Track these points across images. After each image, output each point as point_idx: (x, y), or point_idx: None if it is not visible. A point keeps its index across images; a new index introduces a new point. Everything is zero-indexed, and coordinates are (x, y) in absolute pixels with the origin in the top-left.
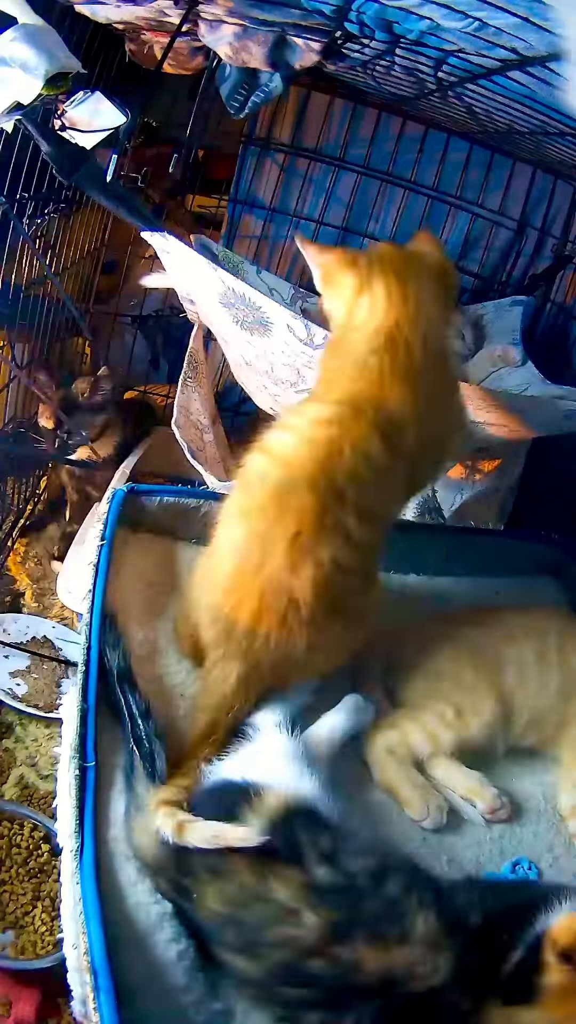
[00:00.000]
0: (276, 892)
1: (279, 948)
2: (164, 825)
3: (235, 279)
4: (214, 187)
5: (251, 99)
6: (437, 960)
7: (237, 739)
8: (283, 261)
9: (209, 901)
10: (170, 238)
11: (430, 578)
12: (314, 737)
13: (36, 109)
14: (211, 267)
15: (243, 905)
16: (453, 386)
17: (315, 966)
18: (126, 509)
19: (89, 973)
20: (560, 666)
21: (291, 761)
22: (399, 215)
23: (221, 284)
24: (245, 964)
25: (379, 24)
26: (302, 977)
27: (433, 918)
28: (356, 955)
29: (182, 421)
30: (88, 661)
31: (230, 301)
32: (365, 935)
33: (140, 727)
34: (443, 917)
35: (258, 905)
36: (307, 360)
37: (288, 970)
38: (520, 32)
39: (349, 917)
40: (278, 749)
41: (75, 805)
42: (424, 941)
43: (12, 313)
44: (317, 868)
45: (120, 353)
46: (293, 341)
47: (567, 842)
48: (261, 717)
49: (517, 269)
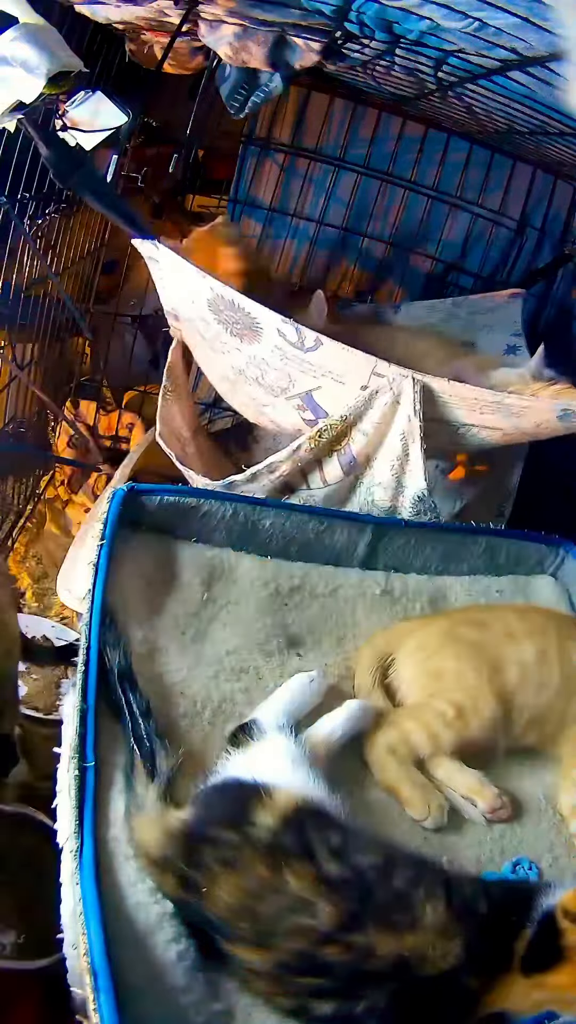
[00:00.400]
0: (290, 885)
1: (293, 938)
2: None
3: (224, 286)
4: (214, 187)
5: (251, 99)
6: (447, 945)
7: (243, 737)
8: (283, 261)
9: (221, 894)
10: (160, 247)
11: (430, 578)
12: (313, 738)
13: (37, 110)
14: (200, 274)
15: (258, 897)
16: None
17: (328, 954)
18: (126, 508)
19: (89, 974)
20: (560, 666)
21: (296, 762)
22: (399, 215)
23: (210, 291)
24: (257, 956)
25: (379, 24)
26: (315, 966)
27: (442, 907)
28: (369, 940)
29: (165, 433)
30: (88, 661)
31: (219, 308)
32: (376, 922)
33: (141, 726)
34: (452, 906)
35: (273, 897)
36: (299, 364)
37: (302, 959)
38: (520, 32)
39: (361, 907)
40: (282, 750)
41: (75, 805)
42: (434, 928)
43: (12, 313)
44: (328, 863)
45: (120, 353)
46: (284, 345)
47: (567, 842)
48: (264, 717)
49: (517, 269)
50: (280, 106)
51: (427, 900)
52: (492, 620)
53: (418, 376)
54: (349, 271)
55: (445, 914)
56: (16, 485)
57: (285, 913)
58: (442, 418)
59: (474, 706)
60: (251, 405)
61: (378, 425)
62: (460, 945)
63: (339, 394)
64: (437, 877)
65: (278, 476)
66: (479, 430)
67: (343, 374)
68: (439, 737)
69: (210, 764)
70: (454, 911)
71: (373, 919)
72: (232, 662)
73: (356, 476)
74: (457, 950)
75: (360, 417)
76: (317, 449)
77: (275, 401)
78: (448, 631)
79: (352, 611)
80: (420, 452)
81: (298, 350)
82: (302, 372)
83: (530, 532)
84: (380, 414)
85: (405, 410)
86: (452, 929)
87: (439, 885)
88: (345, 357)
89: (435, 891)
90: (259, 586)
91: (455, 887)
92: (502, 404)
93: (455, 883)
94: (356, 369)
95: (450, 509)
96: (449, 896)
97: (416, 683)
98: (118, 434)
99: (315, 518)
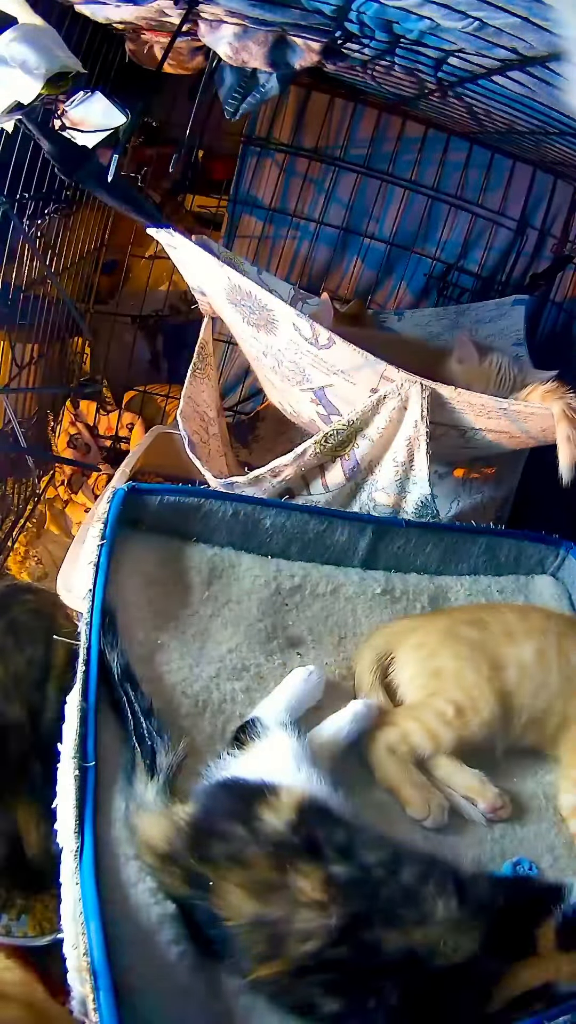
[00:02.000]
0: (298, 885)
1: (303, 941)
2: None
3: (241, 276)
4: (214, 187)
5: (246, 100)
6: (460, 939)
7: (245, 736)
8: (283, 261)
9: (229, 891)
10: (175, 234)
11: (430, 577)
12: (319, 739)
13: (36, 109)
14: (218, 264)
15: (265, 899)
16: None
17: (338, 953)
18: (126, 508)
19: (89, 974)
20: (560, 666)
21: (299, 760)
22: (399, 215)
23: (228, 281)
24: (268, 969)
25: (379, 24)
26: (324, 965)
27: (455, 903)
28: (377, 937)
29: (188, 411)
30: (88, 660)
31: (237, 298)
32: (385, 919)
33: (143, 725)
34: (466, 902)
35: (281, 899)
36: (312, 359)
37: (311, 959)
38: (520, 32)
39: (370, 905)
40: (285, 748)
41: (75, 805)
42: (445, 922)
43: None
44: (335, 863)
45: (120, 353)
46: (299, 339)
47: (568, 842)
48: (265, 715)
49: (517, 269)
50: (280, 106)
51: (438, 896)
52: (492, 619)
53: (426, 382)
54: (349, 271)
55: (458, 910)
56: (16, 485)
57: (294, 916)
58: (450, 423)
59: (473, 705)
60: (271, 390)
61: (384, 430)
62: (475, 939)
63: (350, 394)
64: (446, 874)
65: (281, 480)
66: (487, 433)
67: (354, 375)
68: (438, 736)
69: (211, 763)
70: (468, 907)
71: (381, 917)
72: (233, 661)
73: (357, 482)
74: (471, 944)
75: (367, 422)
76: (322, 454)
77: (291, 389)
78: (448, 630)
79: (352, 611)
80: (425, 457)
81: (312, 346)
82: (315, 368)
83: (530, 532)
84: (386, 419)
85: (412, 415)
86: (466, 924)
87: (449, 881)
88: (356, 359)
89: (445, 887)
90: (260, 585)
91: (468, 884)
92: (508, 411)
93: (467, 880)
94: (366, 371)
95: (446, 511)
96: (462, 892)
97: (416, 682)
98: (118, 434)
99: (316, 518)
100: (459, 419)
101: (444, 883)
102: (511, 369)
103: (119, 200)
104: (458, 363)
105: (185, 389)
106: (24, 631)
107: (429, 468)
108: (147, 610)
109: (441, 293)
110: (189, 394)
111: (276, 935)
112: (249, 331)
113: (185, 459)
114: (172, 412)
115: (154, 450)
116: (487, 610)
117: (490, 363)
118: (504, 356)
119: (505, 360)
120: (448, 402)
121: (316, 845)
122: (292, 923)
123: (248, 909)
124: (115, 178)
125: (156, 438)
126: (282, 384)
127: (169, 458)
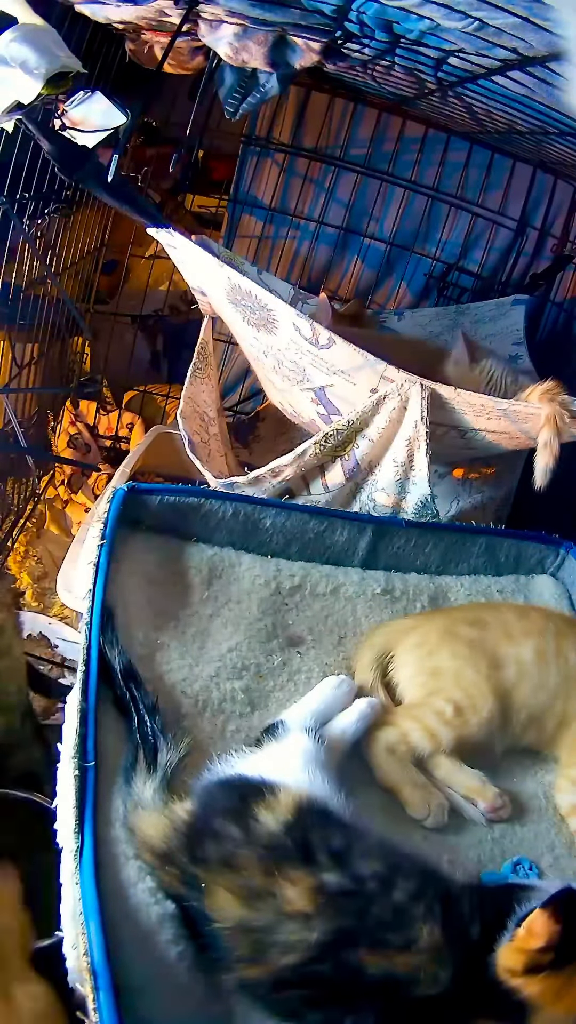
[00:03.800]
0: (286, 894)
1: (285, 953)
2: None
3: (241, 276)
4: (214, 187)
5: (246, 100)
6: (438, 972)
7: (267, 736)
8: (283, 261)
9: (218, 893)
10: (176, 234)
11: (430, 577)
12: (325, 738)
13: (36, 109)
14: (218, 264)
15: (252, 906)
16: None
17: (319, 970)
18: (126, 508)
19: (88, 973)
20: (559, 665)
21: (306, 760)
22: (399, 215)
23: (228, 281)
24: (251, 972)
25: (379, 24)
26: (306, 978)
27: (438, 930)
28: (360, 959)
29: (188, 411)
30: (88, 660)
31: (237, 298)
32: (370, 942)
33: (147, 723)
34: (447, 929)
35: (267, 907)
36: (312, 359)
37: (293, 972)
38: (520, 32)
39: (356, 923)
40: (297, 748)
41: (75, 805)
42: (428, 950)
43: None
44: (327, 871)
45: (120, 353)
46: (299, 339)
47: (568, 842)
48: (291, 718)
49: (517, 269)
50: (280, 106)
51: (424, 920)
52: (491, 619)
53: (426, 383)
54: (349, 271)
55: (440, 937)
56: (16, 485)
57: (278, 927)
58: (450, 423)
59: (472, 705)
60: (271, 390)
61: (384, 431)
62: (448, 974)
63: (350, 394)
64: (437, 890)
65: (281, 480)
66: (487, 434)
67: (354, 375)
68: (438, 736)
69: (211, 762)
70: (448, 936)
71: (367, 939)
72: (232, 661)
73: (357, 482)
74: (447, 977)
75: (367, 423)
76: (322, 454)
77: (292, 389)
78: (447, 629)
79: (352, 610)
80: (425, 458)
81: (312, 346)
82: (315, 368)
83: (530, 532)
84: (386, 419)
85: (412, 416)
86: (444, 954)
87: (438, 901)
88: (356, 359)
89: (433, 908)
90: (260, 585)
91: (453, 904)
92: (508, 412)
93: (454, 899)
94: (366, 371)
95: (446, 511)
96: (446, 916)
97: (415, 681)
98: (118, 434)
99: (316, 518)
100: (459, 419)
101: (432, 905)
102: (504, 378)
103: (119, 200)
104: (454, 364)
105: (185, 389)
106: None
107: (429, 468)
108: (147, 610)
109: (441, 293)
110: (189, 394)
111: (259, 942)
112: (249, 331)
113: (185, 459)
114: (172, 412)
115: (154, 450)
116: (486, 609)
117: (481, 370)
118: (498, 364)
119: (498, 368)
120: (448, 402)
121: (310, 849)
122: (275, 933)
123: (235, 914)
124: (115, 178)
125: (156, 438)
126: (282, 384)
127: (169, 458)
